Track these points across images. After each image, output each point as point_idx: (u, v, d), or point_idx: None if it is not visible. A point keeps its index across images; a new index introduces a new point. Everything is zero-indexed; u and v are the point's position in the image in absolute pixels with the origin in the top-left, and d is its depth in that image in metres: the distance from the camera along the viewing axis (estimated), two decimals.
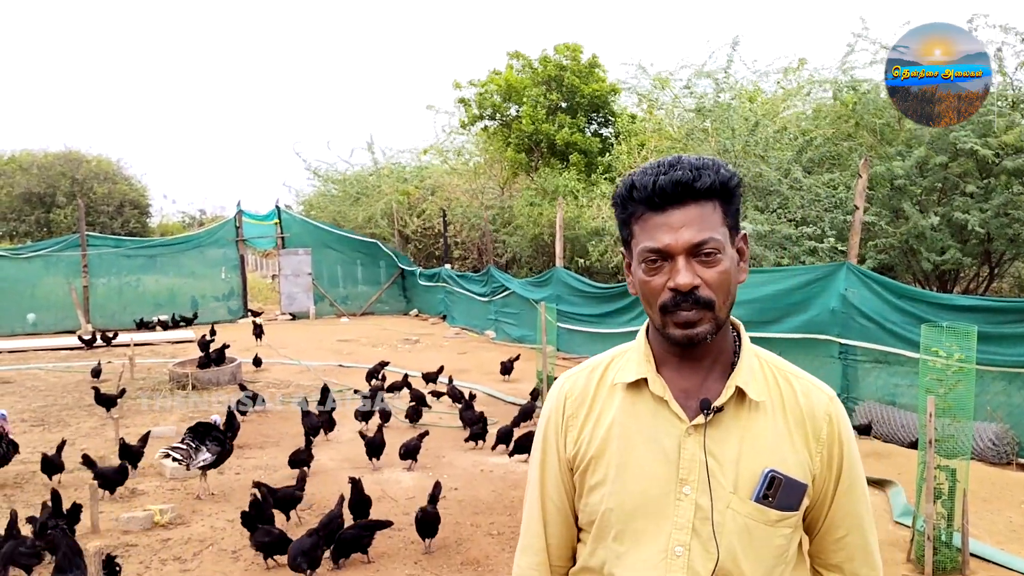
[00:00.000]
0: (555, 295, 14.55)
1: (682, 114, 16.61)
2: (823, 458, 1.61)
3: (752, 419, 1.59)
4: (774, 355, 1.72)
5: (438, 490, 6.16)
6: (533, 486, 1.78)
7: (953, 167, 11.83)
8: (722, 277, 1.54)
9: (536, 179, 21.23)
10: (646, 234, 1.56)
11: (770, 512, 1.56)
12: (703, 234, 1.52)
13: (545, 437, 1.76)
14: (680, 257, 1.52)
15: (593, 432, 1.67)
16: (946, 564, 5.20)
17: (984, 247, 12.61)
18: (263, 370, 14.00)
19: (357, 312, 24.03)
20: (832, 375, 9.50)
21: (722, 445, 1.57)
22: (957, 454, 5.27)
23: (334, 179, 31.13)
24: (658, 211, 1.54)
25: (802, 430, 1.61)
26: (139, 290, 21.91)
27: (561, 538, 1.75)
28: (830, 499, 1.64)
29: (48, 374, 14.04)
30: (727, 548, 1.54)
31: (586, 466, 1.67)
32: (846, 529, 1.66)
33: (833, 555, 1.68)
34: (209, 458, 7.52)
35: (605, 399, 1.69)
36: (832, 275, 9.31)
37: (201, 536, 6.25)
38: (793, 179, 12.33)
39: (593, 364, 1.77)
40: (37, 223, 30.68)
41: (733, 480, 1.56)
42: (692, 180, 1.52)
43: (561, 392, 1.75)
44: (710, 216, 1.54)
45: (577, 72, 22.11)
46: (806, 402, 1.63)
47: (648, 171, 1.56)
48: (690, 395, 1.61)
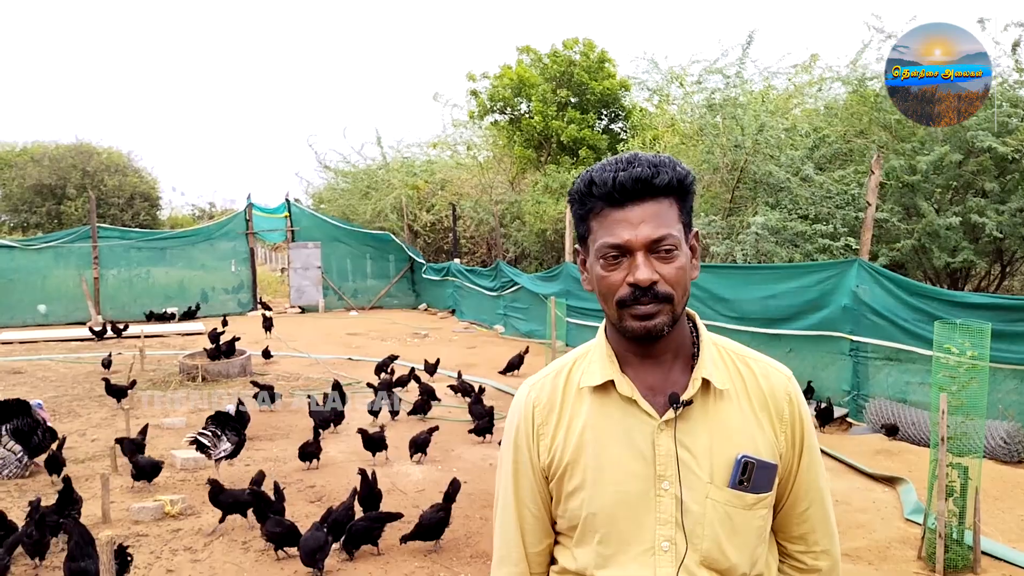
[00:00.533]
0: (564, 290, 14.53)
1: (694, 110, 16.55)
2: (787, 437, 1.66)
3: (719, 408, 1.62)
4: (729, 340, 1.76)
5: (455, 489, 6.10)
6: (507, 496, 1.76)
7: (970, 165, 11.76)
8: (679, 273, 1.57)
9: (543, 176, 21.21)
10: (605, 230, 1.57)
11: (747, 496, 1.60)
12: (661, 230, 1.54)
13: (516, 447, 1.74)
14: (639, 253, 1.54)
15: (566, 438, 1.67)
16: (957, 562, 5.18)
17: (996, 245, 12.55)
18: (273, 363, 14.03)
19: (366, 306, 24.07)
20: (843, 372, 9.49)
21: (694, 437, 1.60)
22: (969, 452, 5.26)
23: (344, 172, 31.15)
24: (617, 207, 1.56)
25: (766, 412, 1.65)
26: (149, 282, 21.98)
27: (539, 546, 1.75)
28: (794, 475, 1.69)
29: (59, 365, 14.10)
30: (711, 537, 1.58)
31: (562, 473, 1.67)
32: (808, 502, 1.71)
33: (796, 528, 1.73)
34: (229, 448, 7.57)
35: (574, 404, 1.69)
36: (844, 272, 9.28)
37: (212, 526, 6.27)
38: (804, 176, 12.29)
39: (556, 369, 1.77)
40: (48, 215, 30.76)
41: (709, 470, 1.59)
42: (651, 177, 1.54)
43: (528, 401, 1.74)
44: (667, 212, 1.56)
45: (587, 68, 22.07)
46: (767, 384, 1.67)
47: (607, 167, 1.57)
48: (656, 391, 1.63)
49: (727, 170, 14.08)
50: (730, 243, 12.56)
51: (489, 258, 22.99)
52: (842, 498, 6.62)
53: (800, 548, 1.75)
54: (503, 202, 22.39)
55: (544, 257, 21.39)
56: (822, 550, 1.75)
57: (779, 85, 16.76)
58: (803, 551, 1.75)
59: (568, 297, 14.00)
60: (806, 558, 1.75)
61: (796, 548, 1.75)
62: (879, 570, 5.28)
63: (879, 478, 7.15)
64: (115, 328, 17.70)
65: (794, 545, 1.75)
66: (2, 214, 32.91)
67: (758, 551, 1.64)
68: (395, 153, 29.62)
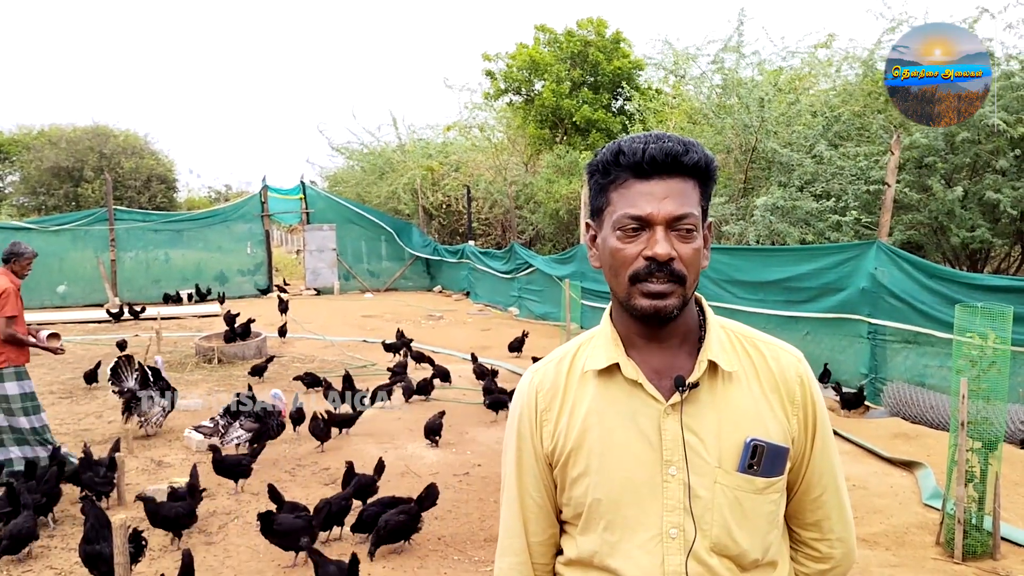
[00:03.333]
0: (579, 272, 14.48)
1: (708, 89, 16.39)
2: (799, 420, 1.62)
3: (727, 391, 1.59)
4: (738, 323, 1.72)
5: (431, 495, 5.76)
6: (510, 485, 1.73)
7: (985, 144, 11.60)
8: (695, 255, 1.54)
9: (556, 157, 21.12)
10: (626, 201, 1.54)
11: (757, 480, 1.56)
12: (685, 208, 1.52)
13: (519, 434, 1.71)
14: (659, 227, 1.52)
15: (569, 424, 1.63)
16: (976, 548, 5.12)
17: (1016, 226, 12.39)
18: (288, 344, 14.07)
19: (381, 288, 24.08)
20: (861, 355, 9.39)
21: (701, 421, 1.56)
22: (990, 437, 5.18)
23: (359, 155, 31.11)
24: (643, 179, 1.53)
25: (777, 395, 1.61)
26: (166, 264, 22.08)
27: (543, 536, 1.72)
28: (807, 460, 1.66)
29: (76, 347, 14.18)
30: (720, 522, 1.54)
31: (566, 459, 1.63)
32: (822, 488, 1.68)
33: (811, 514, 1.70)
34: (244, 436, 7.64)
35: (577, 389, 1.65)
36: (862, 254, 9.17)
37: (227, 509, 6.29)
38: (815, 154, 12.18)
39: (560, 355, 1.73)
40: (65, 197, 30.91)
41: (717, 454, 1.55)
42: (681, 154, 1.52)
43: (531, 386, 1.71)
44: (691, 193, 1.54)
45: (601, 48, 21.89)
46: (777, 367, 1.63)
47: (636, 139, 1.55)
48: (662, 375, 1.60)
49: (740, 151, 13.97)
50: (743, 224, 12.47)
51: (504, 240, 22.93)
52: (860, 482, 6.57)
53: (814, 535, 1.71)
54: (517, 183, 22.30)
55: (558, 239, 21.31)
56: (837, 538, 1.71)
57: (795, 64, 16.60)
58: (817, 539, 1.71)
59: (583, 279, 13.95)
60: (820, 546, 1.71)
61: (810, 535, 1.72)
62: (896, 556, 5.23)
63: (897, 462, 7.08)
64: (132, 310, 17.80)
65: (808, 532, 1.71)
66: (20, 196, 33.11)
67: (770, 537, 1.60)
68: (410, 134, 29.59)
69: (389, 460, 7.33)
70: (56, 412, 9.18)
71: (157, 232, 22.07)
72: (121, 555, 4.09)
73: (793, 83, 15.42)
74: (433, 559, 5.38)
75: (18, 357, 6.72)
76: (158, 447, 7.99)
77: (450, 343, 13.88)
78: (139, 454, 7.64)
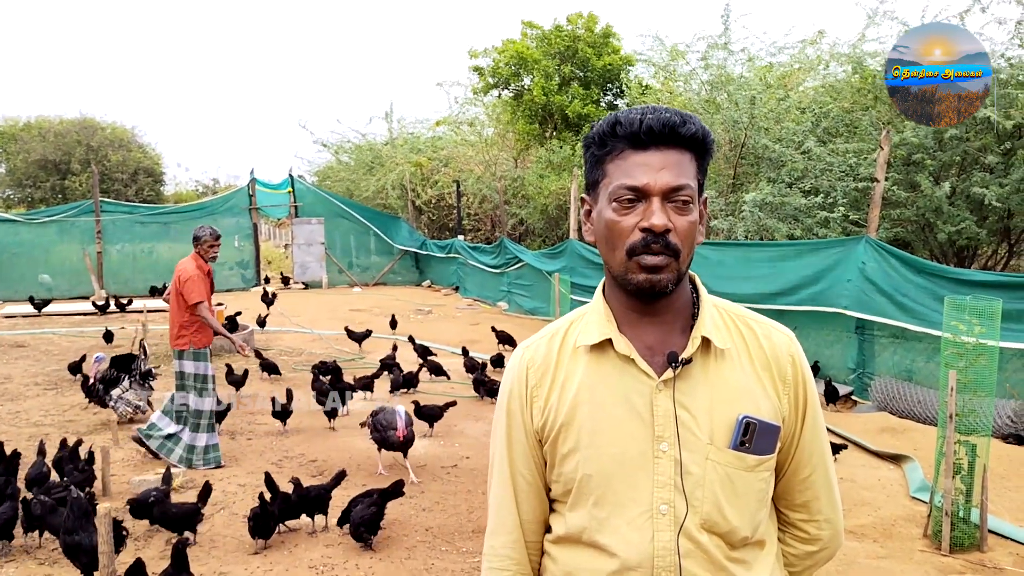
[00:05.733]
0: (569, 267, 14.46)
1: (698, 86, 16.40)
2: (790, 399, 1.61)
3: (720, 368, 1.58)
4: (731, 303, 1.71)
5: (398, 487, 5.61)
6: (500, 463, 1.71)
7: (972, 140, 11.65)
8: (691, 227, 1.53)
9: (547, 151, 21.10)
10: (622, 172, 1.53)
11: (748, 458, 1.55)
12: (681, 179, 1.51)
13: (509, 411, 1.69)
14: (656, 198, 1.50)
15: (560, 399, 1.61)
16: (963, 540, 5.14)
17: (1004, 223, 12.45)
18: (276, 338, 14.01)
19: (370, 282, 24.01)
20: (849, 350, 9.43)
21: (693, 397, 1.55)
22: (977, 430, 5.20)
23: (347, 149, 31.01)
24: (640, 149, 1.52)
25: (769, 373, 1.60)
26: (153, 257, 21.94)
27: (534, 513, 1.70)
28: (797, 439, 1.65)
29: (62, 339, 14.09)
30: (711, 499, 1.53)
31: (556, 435, 1.61)
32: (811, 468, 1.67)
33: (799, 495, 1.69)
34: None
35: (569, 364, 1.63)
36: (851, 249, 9.19)
37: (213, 499, 6.22)
38: (805, 150, 12.21)
39: (552, 330, 1.71)
40: (52, 190, 30.74)
41: (708, 431, 1.54)
42: (678, 124, 1.51)
43: (522, 362, 1.69)
44: (687, 165, 1.53)
45: (591, 43, 21.85)
46: (769, 345, 1.63)
47: (634, 111, 1.54)
48: (655, 351, 1.58)
49: (729, 146, 13.99)
50: (732, 220, 12.49)
51: (493, 235, 22.90)
52: (847, 475, 6.58)
53: (802, 516, 1.70)
54: (507, 178, 22.27)
55: (548, 234, 21.29)
56: (825, 519, 1.70)
57: (784, 60, 16.64)
58: (805, 519, 1.70)
59: (572, 274, 13.94)
60: (809, 527, 1.71)
61: (798, 516, 1.71)
62: (884, 547, 5.24)
63: (884, 456, 7.10)
64: (118, 303, 17.69)
65: (796, 513, 1.70)
66: (7, 189, 32.92)
67: (759, 515, 1.59)
68: (400, 129, 29.51)
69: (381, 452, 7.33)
70: (41, 403, 9.12)
71: (144, 225, 21.93)
72: (105, 544, 4.05)
73: (782, 80, 15.46)
74: (421, 550, 5.35)
75: (201, 339, 7.03)
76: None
77: (439, 337, 13.83)
78: (125, 445, 7.58)
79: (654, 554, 1.52)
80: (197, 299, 6.94)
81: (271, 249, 37.85)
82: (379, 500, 5.37)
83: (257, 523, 5.27)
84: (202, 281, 7.01)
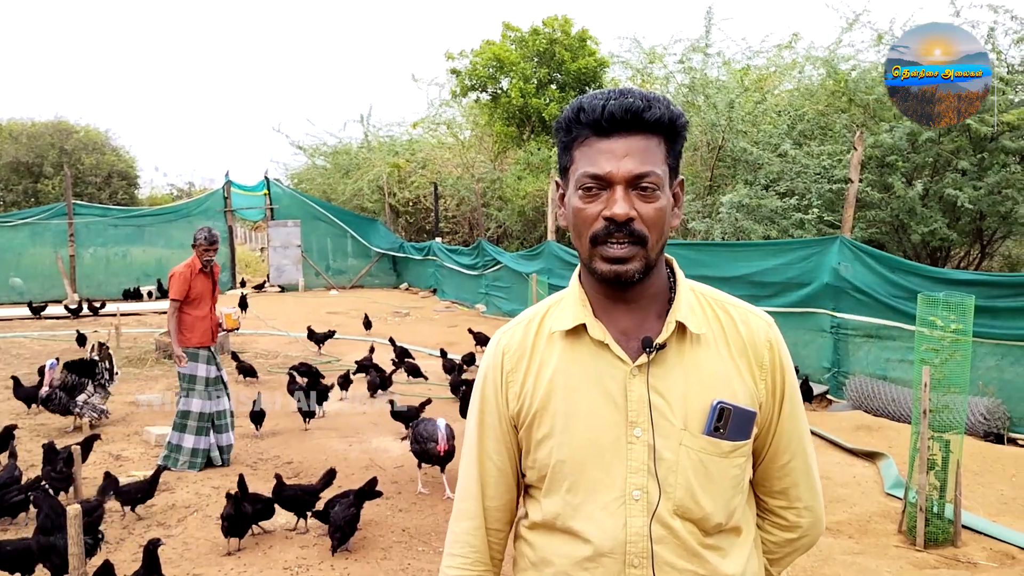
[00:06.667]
0: (547, 268, 14.46)
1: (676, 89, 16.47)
2: (767, 385, 1.59)
3: (695, 353, 1.56)
4: (709, 287, 1.69)
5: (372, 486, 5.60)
6: (470, 447, 1.70)
7: (945, 143, 11.78)
8: (658, 214, 1.50)
9: (525, 153, 21.11)
10: (587, 159, 1.50)
11: (723, 444, 1.53)
12: (645, 166, 1.48)
13: (484, 395, 1.68)
14: (619, 186, 1.48)
15: (535, 385, 1.60)
16: (938, 535, 5.17)
17: (976, 225, 12.59)
18: (252, 340, 13.90)
19: (347, 285, 23.91)
20: (824, 349, 9.48)
21: (668, 382, 1.53)
22: (951, 426, 5.23)
23: (323, 152, 30.87)
24: (603, 137, 1.49)
25: (745, 358, 1.58)
26: (126, 260, 21.74)
27: (500, 500, 1.68)
28: (774, 425, 1.63)
29: (33, 342, 13.90)
30: (684, 485, 1.52)
31: (531, 420, 1.60)
32: (790, 454, 1.65)
33: (778, 481, 1.67)
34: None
35: (544, 350, 1.62)
36: (826, 249, 9.25)
37: (186, 502, 6.18)
38: (781, 152, 12.29)
39: (529, 316, 1.70)
40: (25, 193, 30.35)
41: (683, 416, 1.52)
42: (642, 110, 1.47)
43: (498, 347, 1.68)
44: (654, 150, 1.50)
45: (567, 46, 21.90)
46: (746, 330, 1.60)
47: (598, 96, 1.51)
48: (630, 336, 1.57)
49: (706, 148, 14.06)
50: (709, 221, 12.54)
51: (471, 237, 22.87)
52: (823, 473, 6.60)
53: (782, 503, 1.69)
54: (484, 180, 22.25)
55: (526, 236, 21.29)
56: (804, 506, 1.69)
57: (760, 64, 16.76)
58: (785, 507, 1.69)
59: (550, 275, 13.93)
60: (788, 514, 1.69)
61: (778, 503, 1.69)
62: (860, 543, 5.26)
63: (860, 453, 7.14)
64: (91, 306, 17.49)
65: (775, 500, 1.69)
66: None
67: (734, 501, 1.57)
68: (376, 131, 29.41)
69: (354, 454, 7.30)
70: (12, 406, 8.98)
71: (117, 228, 21.73)
72: (76, 545, 3.98)
73: (759, 83, 15.56)
74: (397, 550, 5.32)
75: (189, 339, 7.04)
76: (116, 441, 7.85)
77: (416, 340, 13.79)
78: (97, 448, 7.46)
79: (626, 540, 1.51)
80: (171, 296, 7.02)
81: (247, 252, 37.57)
82: (355, 501, 5.33)
83: (231, 524, 5.22)
84: (184, 280, 7.04)
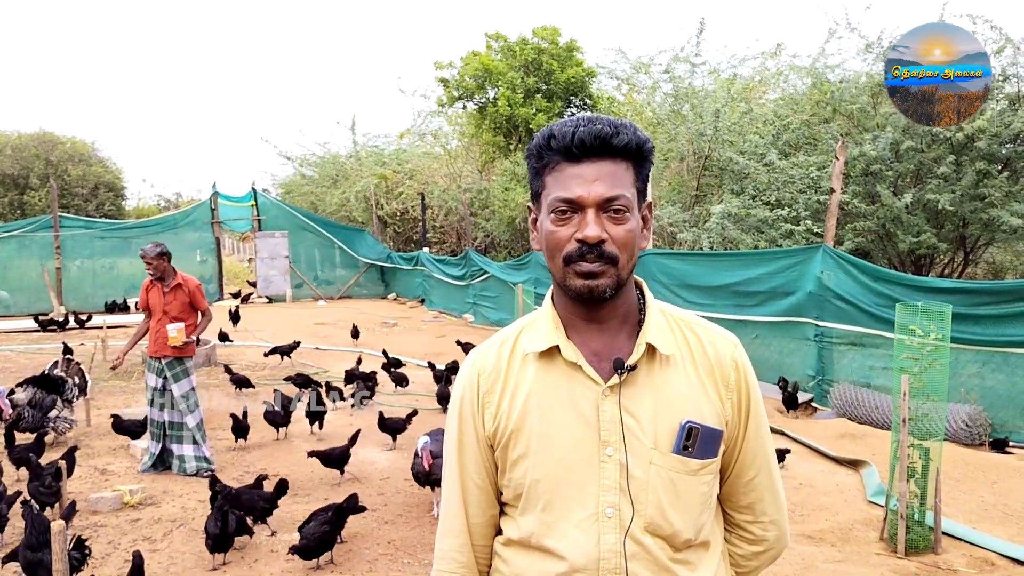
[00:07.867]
0: (534, 278, 14.51)
1: (662, 98, 16.58)
2: (733, 404, 1.65)
3: (664, 374, 1.61)
4: (677, 308, 1.75)
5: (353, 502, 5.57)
6: (450, 467, 1.74)
7: (927, 152, 11.90)
8: (628, 236, 1.55)
9: (512, 163, 21.17)
10: (559, 184, 1.56)
11: (691, 462, 1.58)
12: (615, 190, 1.53)
13: (461, 416, 1.71)
14: (590, 210, 1.53)
15: (511, 406, 1.64)
16: (918, 542, 5.22)
17: (959, 232, 12.70)
18: (239, 352, 13.88)
19: (335, 296, 23.88)
20: (808, 357, 9.54)
21: (638, 403, 1.58)
22: (931, 434, 5.28)
23: (310, 163, 30.87)
24: (574, 162, 1.55)
25: (712, 379, 1.63)
26: (113, 272, 21.63)
27: (483, 517, 1.72)
28: (740, 443, 1.68)
29: (19, 356, 13.84)
30: (655, 503, 1.56)
31: (507, 441, 1.64)
32: (755, 470, 1.71)
33: (744, 497, 1.73)
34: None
35: (519, 371, 1.66)
36: (809, 258, 9.32)
37: (172, 516, 6.17)
38: (767, 162, 12.37)
39: (503, 337, 1.74)
40: (11, 205, 30.24)
41: (653, 436, 1.57)
42: (610, 136, 1.53)
43: (474, 368, 1.72)
44: (623, 175, 1.56)
45: (555, 56, 21.97)
46: (713, 351, 1.66)
47: (568, 123, 1.57)
48: (602, 357, 1.62)
49: (692, 158, 14.13)
50: (696, 231, 12.61)
51: (458, 247, 22.90)
52: (806, 481, 6.66)
53: (748, 518, 1.74)
54: (472, 190, 22.29)
55: (513, 246, 21.35)
56: (770, 520, 1.74)
57: (745, 73, 16.89)
58: (751, 521, 1.74)
59: (537, 285, 13.98)
60: (754, 528, 1.74)
61: (744, 518, 1.74)
62: (841, 551, 5.30)
63: (843, 461, 7.19)
64: (77, 319, 17.42)
65: (742, 515, 1.74)
66: None
67: (703, 518, 1.62)
68: (363, 143, 29.43)
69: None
70: None
71: (103, 240, 21.63)
72: (60, 560, 3.98)
73: (744, 93, 15.67)
74: (382, 562, 5.33)
75: (150, 348, 7.20)
76: (102, 455, 7.84)
77: (405, 350, 13.78)
78: (82, 463, 7.46)
79: (600, 556, 1.55)
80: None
81: (234, 263, 37.48)
82: (333, 517, 5.30)
83: (216, 539, 5.22)
84: (143, 292, 7.31)
